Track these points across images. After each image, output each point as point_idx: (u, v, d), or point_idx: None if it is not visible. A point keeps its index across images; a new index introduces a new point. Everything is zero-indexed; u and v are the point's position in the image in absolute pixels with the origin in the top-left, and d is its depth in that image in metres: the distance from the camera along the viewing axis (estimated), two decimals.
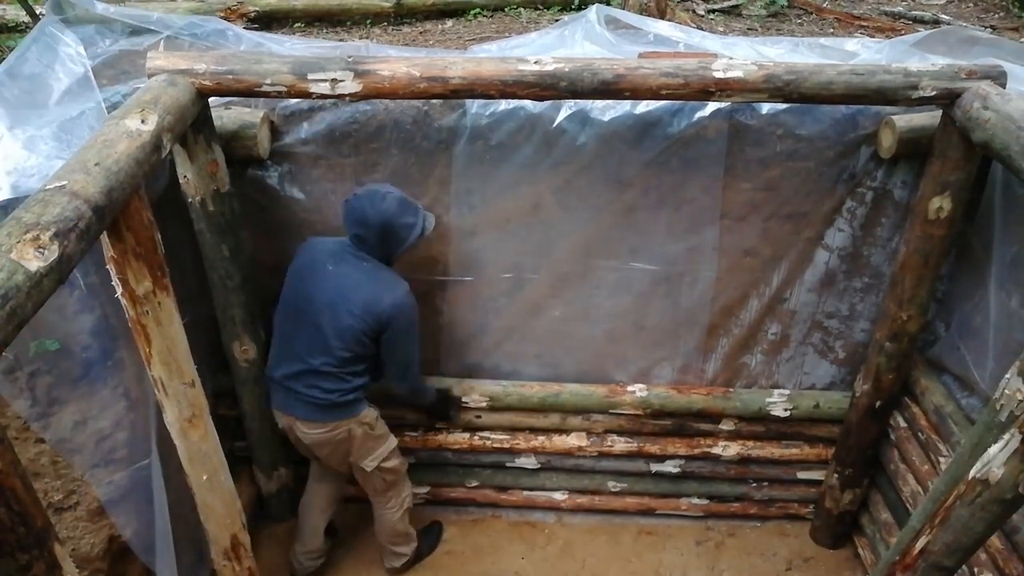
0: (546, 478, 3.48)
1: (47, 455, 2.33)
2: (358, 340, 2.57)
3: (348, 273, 2.57)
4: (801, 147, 2.67)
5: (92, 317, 2.29)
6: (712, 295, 3.01)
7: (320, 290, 2.58)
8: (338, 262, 2.60)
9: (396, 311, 2.56)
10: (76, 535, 2.41)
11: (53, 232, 1.40)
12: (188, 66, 2.20)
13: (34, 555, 1.40)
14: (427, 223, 2.66)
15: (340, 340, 2.57)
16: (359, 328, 2.55)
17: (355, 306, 2.54)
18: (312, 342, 2.60)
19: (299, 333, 2.63)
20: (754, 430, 3.26)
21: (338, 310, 2.55)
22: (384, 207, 2.52)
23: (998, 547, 2.37)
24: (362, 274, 2.58)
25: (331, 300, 2.56)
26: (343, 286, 2.56)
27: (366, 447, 2.80)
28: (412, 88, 2.23)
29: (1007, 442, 1.58)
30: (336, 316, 2.55)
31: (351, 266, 2.59)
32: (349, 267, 2.58)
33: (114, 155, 1.70)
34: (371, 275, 2.58)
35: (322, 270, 2.60)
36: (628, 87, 2.24)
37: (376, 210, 2.51)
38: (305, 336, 2.61)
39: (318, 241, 2.70)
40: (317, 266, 2.62)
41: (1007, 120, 2.01)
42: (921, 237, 2.52)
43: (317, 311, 2.58)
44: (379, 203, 2.52)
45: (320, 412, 2.65)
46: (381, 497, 3.03)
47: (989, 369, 2.54)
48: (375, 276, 2.58)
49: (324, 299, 2.57)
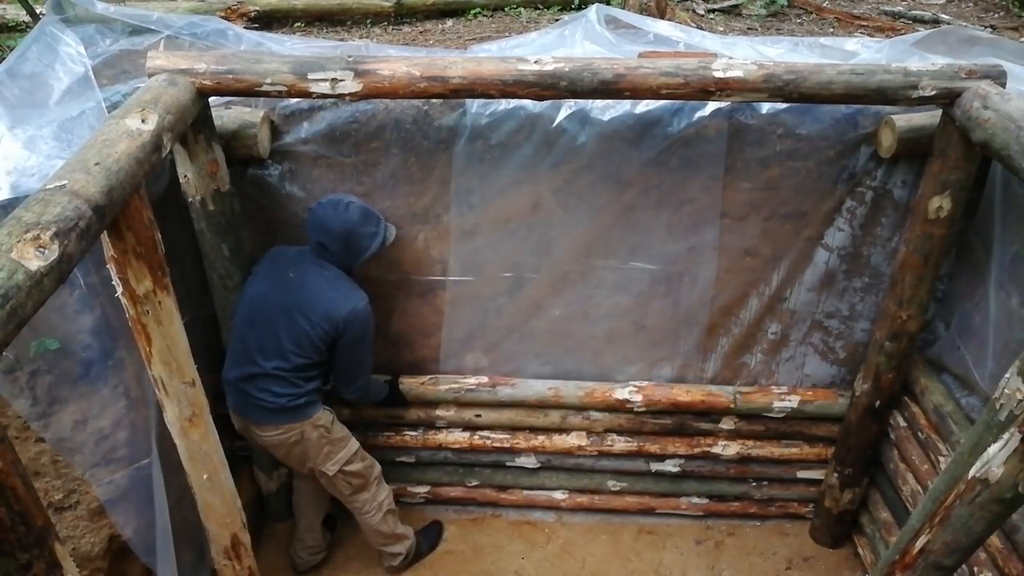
0: (546, 477, 3.48)
1: (47, 454, 2.33)
2: (313, 345, 2.59)
3: (309, 280, 2.61)
4: (801, 147, 2.67)
5: (92, 317, 2.29)
6: (712, 295, 3.01)
7: (279, 295, 2.60)
8: (300, 269, 2.63)
9: (353, 319, 2.58)
10: (76, 534, 2.42)
11: (53, 232, 1.40)
12: (188, 66, 2.20)
13: (34, 554, 1.40)
14: (388, 233, 2.71)
15: (295, 345, 2.59)
16: (315, 334, 2.58)
17: (313, 312, 2.57)
18: (266, 345, 2.61)
19: (254, 336, 2.62)
20: (754, 429, 3.26)
21: (295, 315, 2.57)
22: (347, 216, 2.57)
23: (998, 546, 2.37)
24: (323, 281, 2.61)
25: (289, 305, 2.58)
26: (303, 292, 2.59)
27: (324, 451, 2.80)
28: (412, 88, 2.24)
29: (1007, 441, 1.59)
30: (293, 321, 2.57)
31: (312, 274, 2.62)
32: (310, 275, 2.62)
33: (114, 155, 1.70)
34: (331, 283, 2.61)
35: (283, 276, 2.62)
36: (628, 87, 2.24)
37: (339, 219, 2.56)
38: (260, 339, 2.62)
39: (282, 249, 2.74)
40: (278, 271, 2.65)
41: (1007, 120, 2.01)
42: (921, 236, 2.52)
43: (274, 315, 2.59)
44: (342, 212, 2.57)
45: (271, 415, 2.66)
46: (353, 501, 3.01)
47: (989, 368, 2.54)
48: (335, 284, 2.61)
49: (283, 304, 2.59)
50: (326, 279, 2.61)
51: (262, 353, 2.61)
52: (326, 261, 2.63)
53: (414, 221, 2.88)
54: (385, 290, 3.04)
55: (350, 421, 3.28)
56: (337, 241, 2.58)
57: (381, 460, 3.42)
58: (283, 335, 2.59)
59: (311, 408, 2.72)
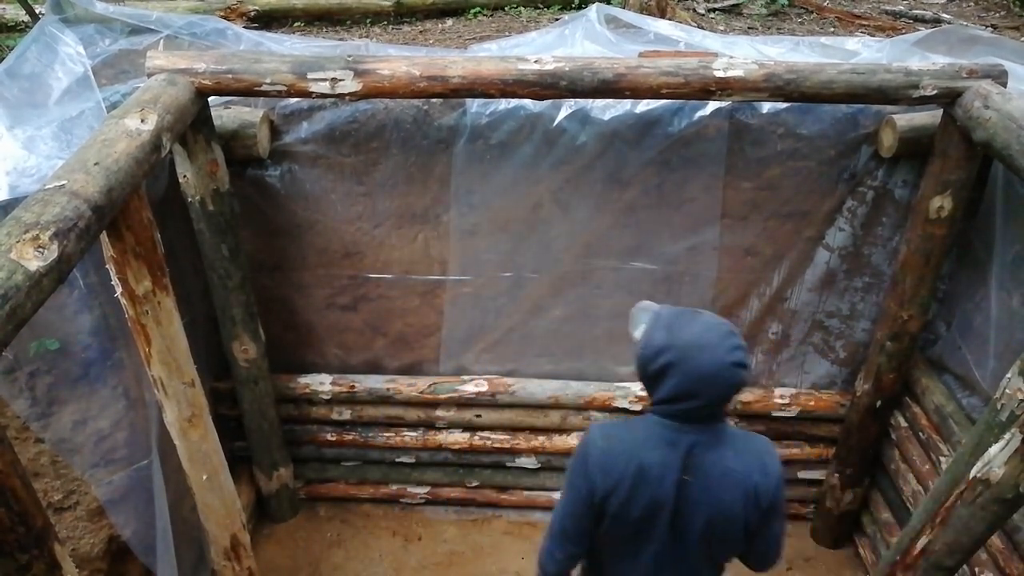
0: (546, 477, 3.47)
1: (47, 455, 2.33)
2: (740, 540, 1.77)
3: (712, 470, 1.69)
4: (802, 146, 2.67)
5: (92, 317, 2.29)
6: (712, 294, 3.01)
7: (690, 516, 1.72)
8: (688, 463, 1.69)
9: (779, 481, 1.72)
10: (76, 535, 2.41)
11: (53, 232, 1.40)
12: (188, 65, 2.20)
13: (34, 555, 1.40)
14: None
15: (725, 551, 1.83)
16: (742, 527, 1.73)
17: (734, 508, 1.71)
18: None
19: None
20: (755, 429, 3.25)
21: (719, 530, 1.74)
22: (719, 332, 1.59)
23: (999, 547, 2.37)
24: (727, 460, 1.69)
25: (711, 524, 1.74)
26: (713, 499, 1.71)
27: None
28: (412, 87, 2.23)
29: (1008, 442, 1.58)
30: (720, 539, 1.76)
31: (710, 456, 1.68)
32: (708, 460, 1.68)
33: (114, 154, 1.70)
34: (735, 451, 1.70)
35: (675, 485, 1.69)
36: (628, 86, 2.24)
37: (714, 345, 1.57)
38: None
39: (620, 443, 1.70)
40: (654, 484, 1.69)
41: (1008, 119, 2.01)
42: (922, 236, 2.52)
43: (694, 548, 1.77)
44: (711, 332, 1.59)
45: None
46: None
47: (990, 368, 2.54)
48: (736, 447, 1.70)
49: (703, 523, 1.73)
50: (730, 451, 1.67)
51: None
52: (691, 424, 1.64)
53: (414, 221, 2.88)
54: (385, 290, 3.03)
55: (348, 421, 3.29)
56: (734, 392, 1.61)
57: (381, 460, 3.43)
58: (703, 561, 1.80)
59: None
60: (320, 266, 2.99)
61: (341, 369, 3.23)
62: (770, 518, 1.73)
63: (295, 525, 3.48)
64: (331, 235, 2.90)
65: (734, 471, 1.66)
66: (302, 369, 3.23)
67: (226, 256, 2.64)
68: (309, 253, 2.95)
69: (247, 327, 2.83)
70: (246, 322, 2.82)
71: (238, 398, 3.05)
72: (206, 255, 2.65)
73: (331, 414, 3.26)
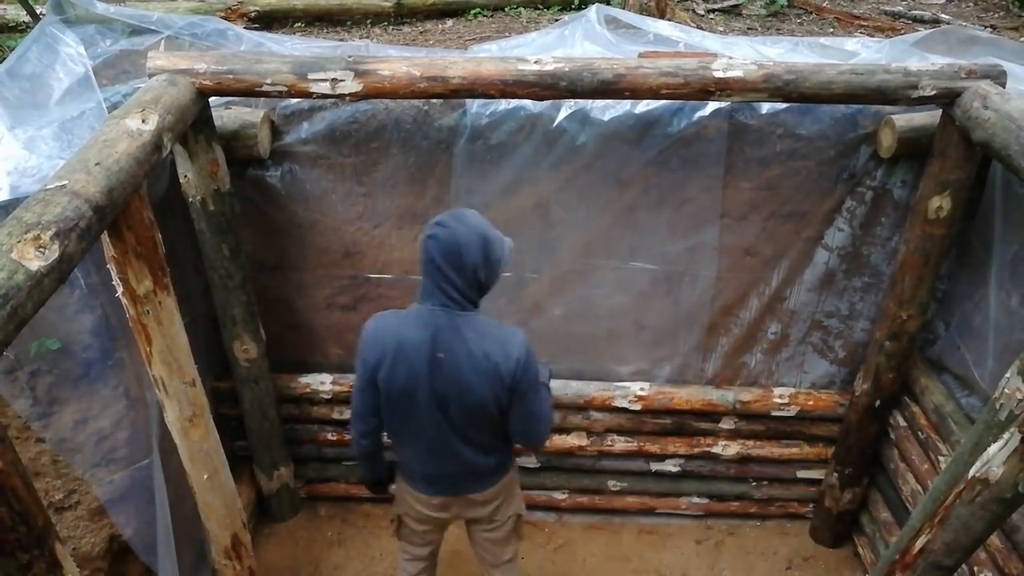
0: (546, 477, 3.48)
1: (48, 454, 2.33)
2: (499, 420, 2.15)
3: (459, 351, 2.03)
4: (801, 146, 2.67)
5: (93, 317, 2.30)
6: (712, 294, 3.01)
7: (442, 392, 2.09)
8: (442, 344, 2.03)
9: (525, 361, 2.05)
10: (77, 534, 2.42)
11: (54, 232, 1.40)
12: (188, 66, 2.20)
13: (35, 554, 1.40)
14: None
15: (485, 431, 2.18)
16: (496, 406, 2.08)
17: (484, 386, 2.04)
18: (454, 448, 2.21)
19: (435, 447, 2.22)
20: (754, 429, 3.26)
21: (469, 403, 2.09)
22: (472, 223, 1.99)
23: (998, 546, 2.37)
24: (473, 344, 2.02)
25: (458, 397, 2.09)
26: (461, 372, 2.04)
27: (517, 490, 2.48)
28: (412, 88, 2.24)
29: (1007, 441, 1.59)
30: (472, 413, 2.11)
31: (459, 340, 2.02)
32: (457, 344, 2.02)
33: (115, 155, 1.70)
34: (481, 336, 2.03)
35: (429, 363, 2.06)
36: (628, 87, 2.24)
37: (469, 231, 1.97)
38: (444, 447, 2.22)
39: (389, 324, 2.09)
40: (414, 358, 2.07)
41: (1007, 119, 2.01)
42: (921, 236, 2.52)
43: (446, 421, 2.15)
44: (467, 221, 1.99)
45: (487, 481, 2.32)
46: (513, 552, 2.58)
47: (989, 368, 2.54)
48: (485, 334, 2.03)
49: (451, 399, 2.11)
50: (474, 335, 1.99)
51: (459, 453, 2.17)
52: (456, 308, 1.99)
53: (414, 221, 2.88)
54: (385, 290, 3.04)
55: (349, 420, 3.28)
56: (473, 265, 1.95)
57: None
58: (470, 429, 2.12)
59: (512, 453, 2.38)
60: (320, 266, 2.99)
61: (341, 369, 3.23)
62: (520, 397, 2.05)
63: (296, 524, 3.49)
64: (331, 235, 2.90)
65: (476, 352, 1.99)
66: (303, 369, 3.23)
67: (227, 256, 2.65)
68: (310, 253, 2.96)
69: (248, 327, 2.83)
70: (247, 322, 2.82)
71: (239, 398, 3.06)
72: (207, 255, 2.66)
73: (332, 414, 3.27)
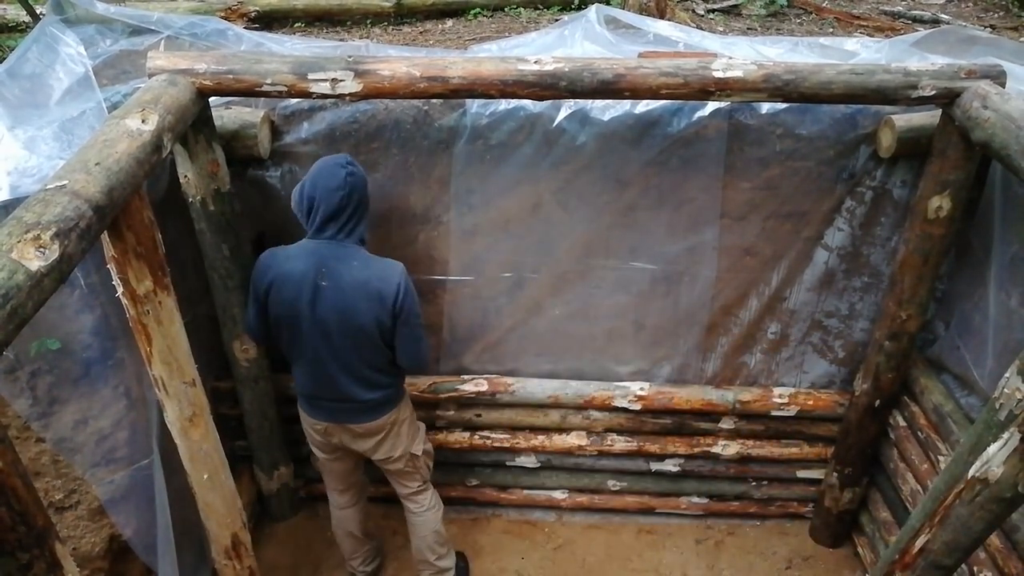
0: (546, 477, 3.48)
1: (48, 454, 2.33)
2: (384, 346, 2.49)
3: (343, 279, 2.39)
4: (801, 146, 2.67)
5: (93, 317, 2.30)
6: (712, 294, 3.01)
7: (325, 317, 2.43)
8: (326, 273, 2.40)
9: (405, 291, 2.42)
10: (77, 534, 2.42)
11: (54, 232, 1.40)
12: (189, 66, 2.20)
13: (35, 554, 1.40)
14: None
15: (368, 357, 2.50)
16: (379, 334, 2.44)
17: (366, 313, 2.40)
18: (336, 372, 2.51)
19: (319, 367, 2.53)
20: (753, 429, 3.26)
21: (352, 329, 2.43)
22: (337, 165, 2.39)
23: (997, 546, 2.37)
24: (355, 271, 2.39)
25: (341, 322, 2.43)
26: (344, 299, 2.40)
27: (412, 429, 2.78)
28: (412, 88, 2.24)
29: (1006, 441, 1.59)
30: (353, 338, 2.44)
31: (341, 270, 2.39)
32: (340, 272, 2.39)
33: (115, 155, 1.70)
34: (363, 265, 2.40)
35: (312, 291, 2.44)
36: (628, 87, 2.24)
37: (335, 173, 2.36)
38: (326, 368, 2.52)
39: (277, 257, 2.47)
40: (300, 286, 2.44)
41: (1006, 119, 2.01)
42: (920, 236, 2.52)
43: (331, 342, 2.47)
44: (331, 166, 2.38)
45: (370, 413, 2.60)
46: (422, 496, 2.93)
47: (988, 368, 2.54)
48: (366, 265, 2.41)
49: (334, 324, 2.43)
50: (357, 263, 2.36)
51: (336, 380, 2.47)
52: (338, 240, 2.37)
53: (414, 221, 2.88)
54: None
55: None
56: (344, 200, 2.32)
57: None
58: (351, 356, 2.43)
59: (403, 388, 2.67)
60: None
61: None
62: (404, 321, 2.39)
63: (296, 524, 3.49)
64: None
65: (357, 279, 2.33)
66: None
67: (227, 256, 2.65)
68: None
69: None
70: None
71: (239, 397, 3.06)
72: (207, 255, 2.66)
73: None
